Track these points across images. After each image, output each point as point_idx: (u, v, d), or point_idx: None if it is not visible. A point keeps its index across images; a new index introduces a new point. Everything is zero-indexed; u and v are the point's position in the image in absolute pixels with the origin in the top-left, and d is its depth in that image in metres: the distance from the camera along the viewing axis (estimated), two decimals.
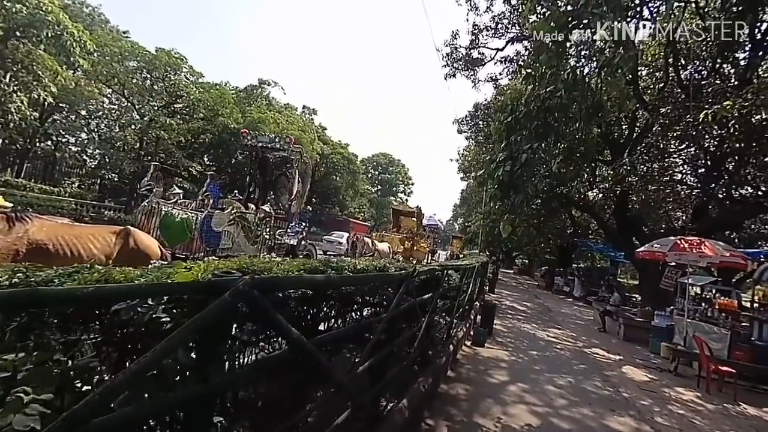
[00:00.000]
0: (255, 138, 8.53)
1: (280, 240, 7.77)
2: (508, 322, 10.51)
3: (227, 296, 0.91)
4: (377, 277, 2.31)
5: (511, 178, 4.60)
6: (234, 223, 6.11)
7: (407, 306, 3.18)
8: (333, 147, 43.64)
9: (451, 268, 5.71)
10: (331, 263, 2.28)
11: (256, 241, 6.77)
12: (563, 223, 23.32)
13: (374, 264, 2.77)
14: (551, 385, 5.58)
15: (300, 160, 8.20)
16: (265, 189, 9.26)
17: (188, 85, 23.50)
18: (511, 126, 4.71)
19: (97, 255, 3.46)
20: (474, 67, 14.24)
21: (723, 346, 8.10)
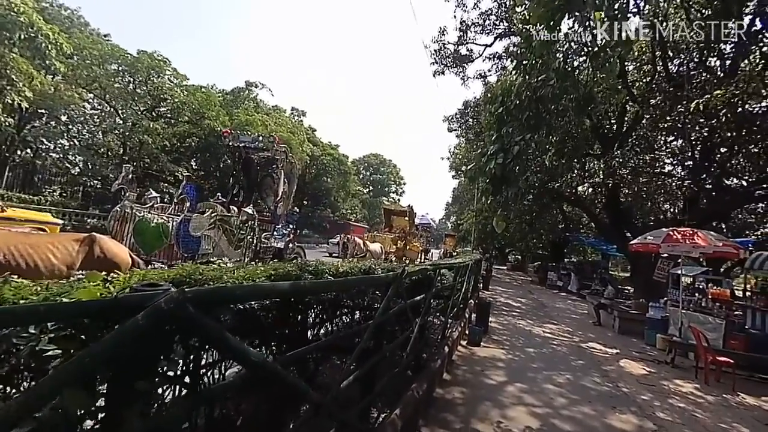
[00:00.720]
0: (237, 138, 8.19)
1: (266, 243, 7.49)
2: (504, 319, 10.39)
3: (140, 318, 0.69)
4: (360, 281, 2.09)
5: (503, 171, 4.41)
6: (214, 226, 5.82)
7: (397, 309, 2.97)
8: (323, 148, 43.30)
9: (443, 267, 5.52)
10: (309, 267, 2.06)
11: (239, 245, 6.48)
12: (555, 218, 23.42)
13: (359, 266, 2.56)
14: (550, 384, 5.42)
15: (285, 160, 7.90)
16: (250, 191, 8.93)
17: (172, 88, 22.95)
18: (502, 117, 4.54)
19: (57, 265, 3.18)
20: (462, 64, 14.10)
21: (718, 335, 8.08)
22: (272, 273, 1.72)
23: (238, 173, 8.73)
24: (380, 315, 2.32)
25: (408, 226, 17.96)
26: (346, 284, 1.91)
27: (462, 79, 14.76)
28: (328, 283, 1.74)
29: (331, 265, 2.35)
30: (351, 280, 1.93)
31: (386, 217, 19.45)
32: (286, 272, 1.80)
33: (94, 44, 21.18)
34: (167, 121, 23.56)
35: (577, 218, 24.17)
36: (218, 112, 25.02)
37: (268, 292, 1.15)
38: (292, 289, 1.21)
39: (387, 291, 2.53)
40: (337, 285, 1.82)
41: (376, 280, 2.27)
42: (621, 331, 10.54)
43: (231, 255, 6.20)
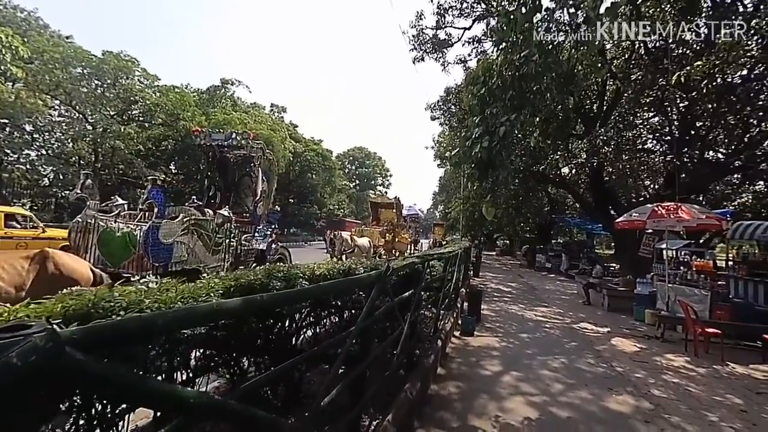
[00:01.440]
0: (208, 136, 7.74)
1: (248, 246, 7.18)
2: (495, 305, 10.38)
3: None
4: (336, 286, 1.87)
5: (489, 155, 4.24)
6: (188, 232, 5.48)
7: (384, 309, 2.78)
8: (306, 144, 42.58)
9: (432, 259, 5.36)
10: (278, 273, 1.84)
11: (217, 250, 6.16)
12: (541, 201, 23.64)
13: (338, 267, 2.35)
14: (545, 369, 5.37)
15: (262, 157, 7.54)
16: (228, 192, 8.54)
17: (143, 89, 21.98)
18: (484, 99, 4.35)
19: (3, 287, 2.86)
20: (442, 49, 13.83)
21: (704, 307, 8.21)
22: (232, 285, 1.50)
23: (213, 174, 8.29)
24: (363, 319, 2.12)
25: (396, 218, 17.79)
26: (319, 291, 1.70)
27: (442, 65, 14.54)
28: (295, 294, 1.50)
29: (306, 269, 2.13)
30: (324, 286, 1.71)
31: (373, 210, 19.22)
32: (248, 283, 1.58)
33: (56, 47, 20.03)
34: (140, 125, 22.59)
35: (562, 200, 24.47)
36: (194, 112, 24.14)
37: (207, 315, 0.92)
38: (244, 307, 0.99)
39: (371, 292, 2.33)
40: (308, 294, 1.60)
41: (356, 281, 2.07)
42: (610, 308, 10.68)
43: (209, 261, 5.91)
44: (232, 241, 6.51)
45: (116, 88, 21.00)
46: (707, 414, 4.24)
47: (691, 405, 4.47)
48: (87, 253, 4.77)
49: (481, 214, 23.85)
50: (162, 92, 23.57)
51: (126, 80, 21.21)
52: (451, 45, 13.69)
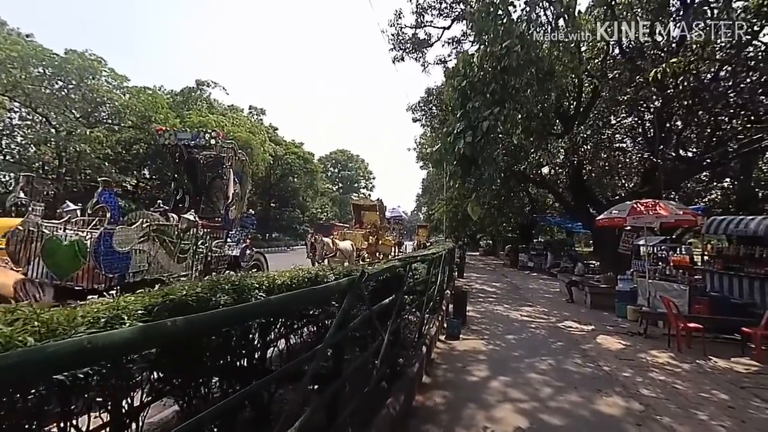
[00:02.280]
0: (174, 135, 7.22)
1: (219, 252, 6.71)
2: (480, 306, 10.26)
3: None
4: (297, 297, 1.55)
5: (473, 151, 4.04)
6: (148, 238, 5.00)
7: (362, 318, 2.49)
8: (286, 147, 41.79)
9: (415, 261, 5.12)
10: (225, 285, 1.54)
11: (183, 258, 5.69)
12: (522, 201, 23.92)
13: (305, 275, 2.06)
14: (533, 372, 5.21)
15: (234, 158, 7.08)
16: (198, 195, 8.02)
17: (110, 90, 20.88)
18: (465, 92, 4.16)
19: None
20: (421, 49, 13.74)
21: (683, 302, 8.31)
22: (157, 303, 1.19)
23: (181, 176, 7.74)
24: (334, 334, 1.84)
25: (379, 221, 17.51)
26: (270, 307, 1.39)
27: (422, 65, 14.45)
28: (233, 313, 1.15)
29: (265, 278, 1.83)
30: (278, 300, 1.41)
31: (356, 213, 18.88)
32: (180, 299, 1.27)
33: (13, 45, 18.77)
34: (108, 128, 21.45)
35: (542, 199, 24.87)
36: (167, 114, 23.17)
37: (64, 358, 0.62)
38: (140, 339, 0.70)
39: (343, 301, 2.05)
40: (254, 311, 1.28)
41: (323, 291, 1.78)
42: (593, 306, 10.74)
43: (174, 270, 5.42)
44: (200, 248, 6.06)
45: (81, 89, 19.84)
46: (696, 412, 4.16)
47: (680, 403, 4.39)
48: (30, 265, 4.25)
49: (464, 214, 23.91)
50: (132, 94, 22.51)
51: (92, 81, 20.09)
52: (430, 45, 13.62)
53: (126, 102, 21.39)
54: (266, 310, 1.30)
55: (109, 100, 20.56)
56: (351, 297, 2.06)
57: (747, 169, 12.88)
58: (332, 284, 1.86)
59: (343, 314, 1.94)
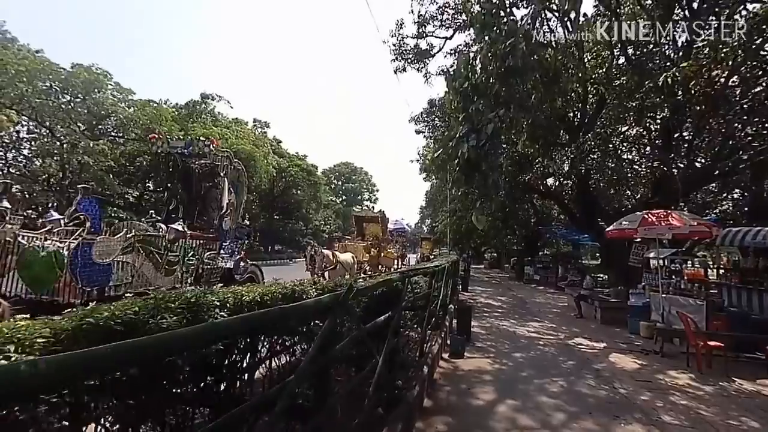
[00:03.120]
0: (166, 143, 7.07)
1: (212, 264, 6.44)
2: (486, 322, 9.84)
3: None
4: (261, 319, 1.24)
5: (477, 154, 3.79)
6: (132, 249, 4.76)
7: (350, 340, 2.20)
8: (290, 160, 41.98)
9: (416, 274, 4.82)
10: (168, 303, 1.28)
11: (172, 270, 5.42)
12: (527, 213, 23.54)
13: (279, 291, 1.79)
14: (544, 395, 4.81)
15: (229, 167, 6.90)
16: (192, 205, 7.82)
17: (115, 103, 21.12)
18: (467, 94, 3.95)
19: None
20: (423, 59, 13.73)
21: (700, 317, 7.86)
22: (70, 327, 0.93)
23: (175, 185, 7.57)
24: (312, 361, 1.55)
25: (381, 233, 17.25)
26: (219, 332, 1.10)
27: (424, 76, 14.40)
28: (141, 346, 0.85)
29: (230, 295, 1.56)
30: (229, 323, 1.14)
31: (357, 225, 18.63)
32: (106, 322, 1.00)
33: (21, 60, 19.14)
34: (112, 140, 21.60)
35: (547, 211, 24.47)
36: (171, 127, 23.34)
37: None
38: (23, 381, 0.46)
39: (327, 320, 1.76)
40: (181, 341, 0.95)
41: (299, 310, 1.50)
42: (603, 321, 10.28)
43: (160, 283, 5.14)
44: (191, 260, 5.79)
45: (87, 103, 20.08)
46: None
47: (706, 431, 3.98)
48: (4, 279, 4.00)
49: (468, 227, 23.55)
50: (137, 107, 22.76)
51: (97, 94, 20.35)
52: (432, 55, 13.61)
53: (130, 115, 21.60)
54: (213, 336, 1.02)
55: (113, 113, 20.77)
56: (335, 316, 1.78)
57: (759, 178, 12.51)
58: (310, 302, 1.58)
59: (324, 336, 1.66)
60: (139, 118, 21.43)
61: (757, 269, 8.81)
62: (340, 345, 1.96)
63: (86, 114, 20.48)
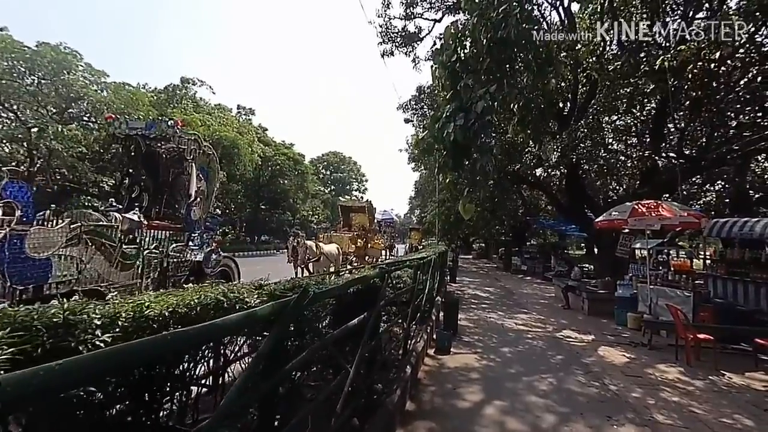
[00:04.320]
0: (125, 124, 6.40)
1: (179, 257, 5.92)
2: (473, 314, 9.64)
3: None
4: (146, 349, 0.84)
5: (465, 135, 3.40)
6: (78, 241, 4.24)
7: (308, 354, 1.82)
8: (276, 148, 40.95)
9: (400, 268, 4.46)
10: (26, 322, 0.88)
11: (129, 264, 4.90)
12: (515, 203, 23.47)
13: (203, 299, 1.39)
14: (533, 394, 4.58)
15: (198, 151, 6.29)
16: (159, 193, 7.19)
17: (86, 85, 19.86)
18: (455, 71, 3.54)
19: None
20: (411, 43, 13.16)
21: (688, 309, 7.79)
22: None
23: (138, 171, 6.90)
24: (240, 390, 1.16)
25: (368, 223, 16.85)
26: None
27: (413, 61, 13.87)
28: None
29: (127, 306, 1.15)
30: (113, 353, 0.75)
31: (344, 214, 18.16)
32: None
33: None
34: (84, 125, 20.39)
35: (535, 202, 24.46)
36: (148, 112, 22.21)
37: None
38: None
39: (269, 337, 1.37)
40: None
41: (220, 329, 1.10)
42: (591, 312, 10.22)
43: (116, 279, 4.65)
44: (153, 253, 5.28)
45: (55, 84, 18.80)
46: None
47: (700, 430, 3.80)
48: None
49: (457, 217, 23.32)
50: (111, 90, 21.51)
51: (67, 75, 19.06)
52: (420, 39, 13.05)
53: (104, 98, 20.38)
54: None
55: (85, 96, 19.52)
56: (282, 328, 1.39)
57: (741, 171, 12.55)
58: (240, 316, 1.18)
59: (259, 357, 1.27)
60: (113, 102, 20.25)
61: (743, 260, 8.79)
62: (294, 362, 1.58)
63: (55, 96, 19.19)
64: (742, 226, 8.41)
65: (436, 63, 3.80)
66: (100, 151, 21.47)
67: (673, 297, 8.26)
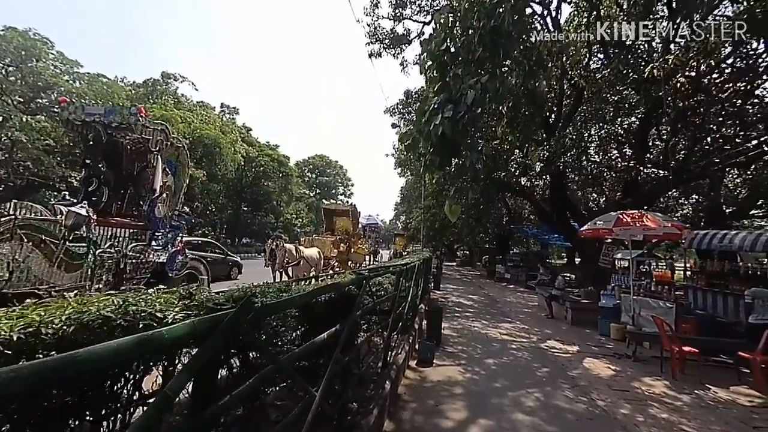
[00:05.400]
0: (80, 110, 5.77)
1: (139, 258, 5.38)
2: (457, 323, 9.38)
3: None
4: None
5: (453, 129, 3.10)
6: (11, 237, 3.71)
7: (260, 380, 1.45)
8: (260, 149, 40.09)
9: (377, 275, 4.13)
10: None
11: (75, 265, 4.37)
12: (500, 211, 23.58)
13: (103, 315, 1.02)
14: (520, 412, 4.29)
15: (165, 143, 5.78)
16: (122, 188, 6.59)
17: (57, 75, 18.80)
18: (443, 61, 3.29)
19: None
20: (400, 45, 12.99)
21: (670, 320, 7.75)
22: None
23: (96, 162, 6.27)
24: None
25: (351, 227, 16.44)
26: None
27: (401, 64, 13.73)
28: None
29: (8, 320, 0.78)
30: None
31: (327, 218, 17.70)
32: None
33: None
34: (53, 116, 19.26)
35: (519, 210, 24.66)
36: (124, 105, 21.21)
37: None
38: None
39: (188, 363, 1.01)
40: None
41: (75, 364, 0.73)
42: (574, 322, 10.12)
43: (56, 280, 4.12)
44: (108, 252, 4.75)
45: (21, 72, 17.70)
46: None
47: None
48: None
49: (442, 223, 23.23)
50: (85, 81, 20.47)
51: (35, 63, 17.98)
52: (409, 41, 12.91)
53: (76, 89, 19.33)
54: None
55: (55, 86, 18.45)
56: (213, 353, 1.03)
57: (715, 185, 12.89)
58: (105, 349, 0.79)
59: (174, 393, 0.90)
60: (86, 94, 19.22)
61: (723, 272, 8.89)
62: (231, 396, 1.22)
63: (21, 85, 18.06)
64: (722, 238, 8.51)
65: (424, 51, 3.53)
66: (70, 145, 20.32)
67: (655, 308, 8.24)
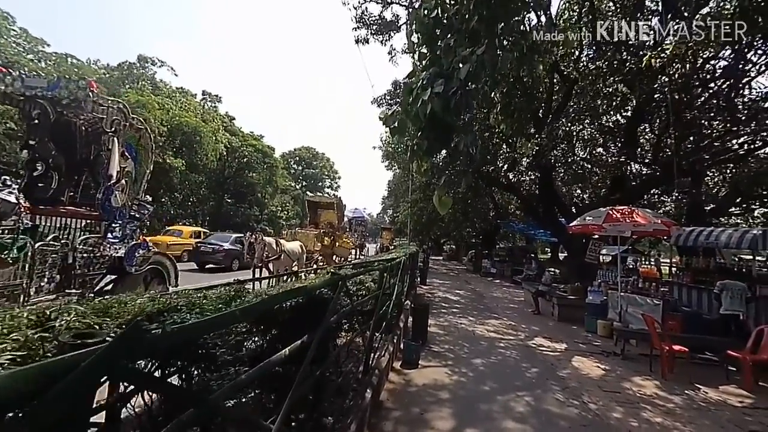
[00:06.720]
0: (19, 81, 4.99)
1: (93, 252, 4.80)
2: (443, 319, 9.12)
3: None
4: None
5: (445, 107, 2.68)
6: None
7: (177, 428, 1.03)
8: (244, 139, 38.83)
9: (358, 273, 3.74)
10: None
11: (8, 261, 3.79)
12: (486, 206, 23.51)
13: None
14: (510, 419, 4.02)
15: (123, 123, 5.12)
16: (75, 173, 5.92)
17: (19, 53, 17.46)
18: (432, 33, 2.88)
19: None
20: (388, 31, 12.48)
21: (657, 317, 7.67)
22: None
23: (43, 144, 5.56)
24: None
25: (337, 220, 15.97)
26: None
27: (389, 52, 13.18)
28: None
29: None
30: None
31: (311, 210, 17.15)
32: None
33: None
34: None
35: (506, 205, 24.65)
36: None
37: None
38: None
39: None
40: None
41: None
42: (561, 318, 10.03)
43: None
44: (53, 245, 4.18)
45: None
46: None
47: None
48: None
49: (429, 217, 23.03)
50: (52, 61, 19.12)
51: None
52: (398, 28, 12.41)
53: (41, 70, 18.02)
54: None
55: (16, 65, 17.12)
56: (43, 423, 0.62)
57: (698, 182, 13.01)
58: None
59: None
60: (51, 74, 17.93)
61: (708, 269, 8.89)
62: None
63: None
64: (708, 236, 8.46)
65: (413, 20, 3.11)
66: None
67: (642, 305, 8.17)
